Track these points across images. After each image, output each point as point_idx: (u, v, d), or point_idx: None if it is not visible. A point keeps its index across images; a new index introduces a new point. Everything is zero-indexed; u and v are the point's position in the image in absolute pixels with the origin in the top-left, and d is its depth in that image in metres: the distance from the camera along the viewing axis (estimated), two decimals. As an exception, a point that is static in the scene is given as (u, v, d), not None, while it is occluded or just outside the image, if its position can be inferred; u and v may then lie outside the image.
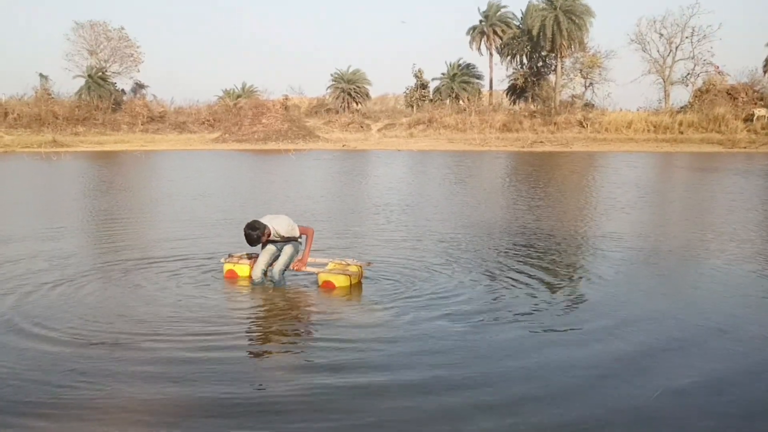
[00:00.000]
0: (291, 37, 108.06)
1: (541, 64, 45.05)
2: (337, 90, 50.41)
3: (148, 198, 14.31)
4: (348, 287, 5.87)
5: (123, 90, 48.38)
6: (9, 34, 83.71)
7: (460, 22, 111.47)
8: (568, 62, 43.71)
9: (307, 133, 41.40)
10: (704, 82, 40.93)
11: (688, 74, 42.10)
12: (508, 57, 45.76)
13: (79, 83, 46.09)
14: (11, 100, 43.75)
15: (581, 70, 44.15)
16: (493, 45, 48.95)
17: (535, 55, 44.27)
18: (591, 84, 44.65)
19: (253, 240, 5.89)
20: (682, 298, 5.79)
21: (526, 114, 42.24)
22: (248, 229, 5.87)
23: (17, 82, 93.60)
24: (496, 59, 48.52)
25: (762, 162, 24.58)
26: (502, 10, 49.08)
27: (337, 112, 48.82)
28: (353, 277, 5.94)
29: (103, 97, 44.45)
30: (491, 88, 51.39)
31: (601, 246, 8.03)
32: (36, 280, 6.20)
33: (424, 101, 49.02)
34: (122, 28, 46.93)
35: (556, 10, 40.58)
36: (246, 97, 49.55)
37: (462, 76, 50.44)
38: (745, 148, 32.13)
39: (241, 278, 6.23)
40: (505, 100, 48.68)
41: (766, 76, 40.80)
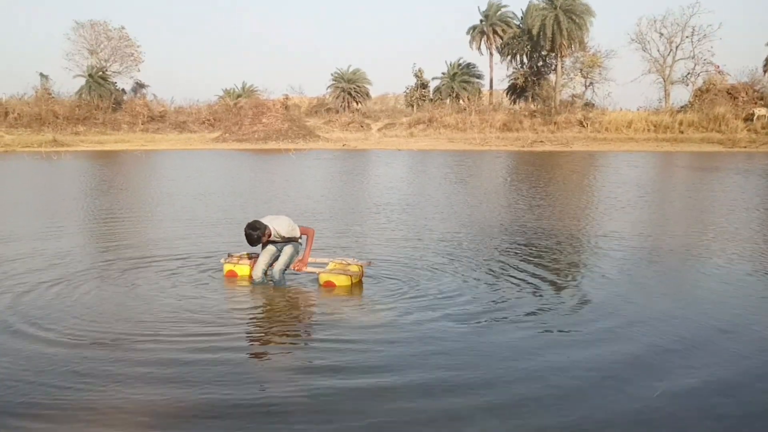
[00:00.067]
0: (291, 36, 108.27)
1: (541, 63, 45.05)
2: (338, 89, 50.42)
3: (148, 197, 14.29)
4: (349, 287, 5.87)
5: (123, 89, 48.45)
6: (9, 33, 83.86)
7: (460, 22, 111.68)
8: (568, 62, 43.72)
9: (308, 132, 41.39)
10: (704, 82, 40.95)
11: (688, 74, 42.19)
12: (509, 56, 45.79)
13: (80, 83, 46.20)
14: (12, 100, 43.78)
15: (581, 70, 44.16)
16: (494, 44, 48.96)
17: (536, 54, 44.28)
18: (591, 83, 44.73)
19: (254, 240, 5.89)
20: (684, 297, 5.78)
21: (527, 113, 42.23)
22: (249, 229, 5.88)
23: (18, 82, 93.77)
24: (497, 59, 48.68)
25: (762, 161, 24.56)
26: (503, 9, 49.15)
27: (338, 112, 48.81)
28: (354, 277, 5.94)
29: (103, 97, 44.44)
30: (491, 87, 51.42)
31: (602, 245, 8.03)
32: (34, 279, 6.17)
33: (425, 101, 49.03)
34: (122, 28, 47.06)
35: (556, 9, 40.57)
36: (246, 97, 49.53)
37: (462, 76, 50.44)
38: (745, 147, 32.13)
39: (241, 278, 6.21)
40: (506, 100, 48.69)
41: (766, 75, 40.80)
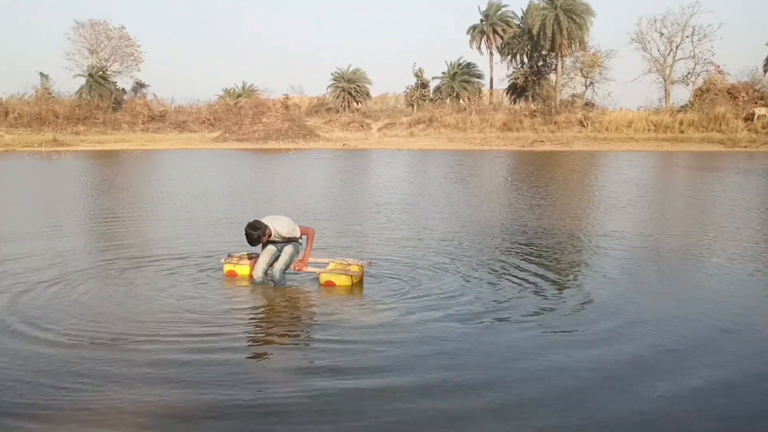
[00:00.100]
0: (291, 36, 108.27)
1: (541, 63, 45.03)
2: (338, 89, 50.39)
3: (148, 197, 14.28)
4: (349, 286, 5.86)
5: (123, 89, 48.36)
6: (10, 33, 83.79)
7: (460, 22, 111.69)
8: (568, 61, 43.69)
9: (308, 132, 41.37)
10: (705, 82, 40.92)
11: (688, 73, 42.18)
12: (509, 56, 45.76)
13: (80, 82, 46.14)
14: (12, 99, 43.72)
15: (582, 70, 44.13)
16: (494, 44, 48.94)
17: (536, 54, 44.26)
18: (591, 83, 44.71)
19: (254, 240, 5.89)
20: (686, 297, 5.77)
21: (527, 113, 42.21)
22: (249, 228, 5.87)
23: (18, 82, 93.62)
24: (497, 58, 48.65)
25: (762, 161, 24.55)
26: (503, 9, 49.11)
27: (338, 112, 48.79)
28: (354, 277, 5.93)
29: (103, 97, 44.39)
30: (491, 87, 51.38)
31: (603, 245, 8.02)
32: (33, 278, 6.14)
33: (425, 100, 49.00)
34: (123, 27, 46.98)
35: (556, 9, 40.54)
36: (246, 97, 49.49)
37: (462, 76, 50.41)
38: (745, 147, 32.12)
39: (241, 278, 6.19)
40: (506, 100, 48.67)
41: (767, 75, 40.78)
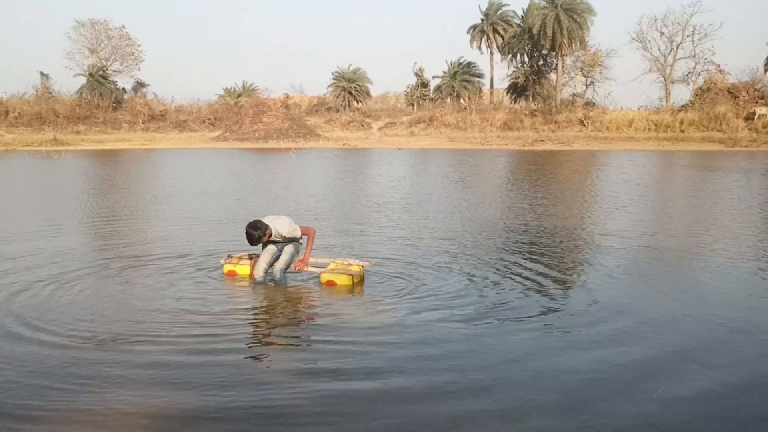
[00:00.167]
0: (291, 36, 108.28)
1: (541, 62, 44.98)
2: (338, 88, 50.39)
3: (148, 196, 14.27)
4: (350, 286, 5.85)
5: (124, 88, 48.27)
6: (10, 32, 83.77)
7: (460, 22, 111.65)
8: (569, 61, 43.62)
9: (308, 131, 41.36)
10: (705, 81, 40.84)
11: (689, 73, 42.09)
12: (509, 55, 45.73)
13: (80, 82, 46.07)
14: (12, 99, 43.65)
15: (582, 69, 44.07)
16: (494, 43, 48.92)
17: (536, 53, 44.20)
18: (592, 82, 44.63)
19: (254, 239, 5.87)
20: (690, 298, 5.72)
21: (527, 113, 42.17)
22: (250, 228, 5.87)
23: (18, 81, 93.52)
24: (497, 58, 48.63)
25: (763, 160, 24.53)
26: (503, 8, 49.07)
27: (338, 111, 48.76)
28: (355, 277, 5.92)
29: (103, 96, 44.34)
30: (492, 86, 51.34)
31: (606, 244, 7.98)
32: (31, 277, 6.11)
33: (425, 100, 48.96)
34: (123, 27, 46.94)
35: (557, 8, 40.48)
36: (247, 96, 49.46)
37: (463, 75, 50.38)
38: (746, 146, 32.08)
39: (241, 278, 6.17)
40: (506, 99, 48.62)
41: (767, 74, 40.74)
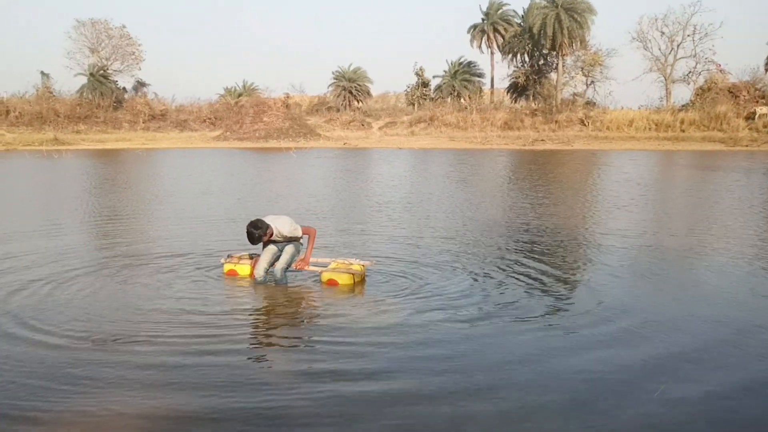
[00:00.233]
0: (291, 36, 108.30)
1: (542, 62, 44.93)
2: (339, 88, 50.39)
3: (149, 196, 14.29)
4: (351, 285, 5.84)
5: (124, 88, 48.24)
6: (10, 32, 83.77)
7: (460, 22, 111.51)
8: (569, 60, 43.57)
9: (308, 131, 41.36)
10: (706, 81, 40.78)
11: (689, 72, 42.01)
12: (510, 55, 45.70)
13: (81, 81, 46.04)
14: (13, 98, 43.64)
15: (582, 68, 44.02)
16: (495, 43, 48.90)
17: (537, 53, 44.17)
18: (592, 82, 44.55)
19: (255, 238, 5.87)
20: (694, 298, 5.68)
21: (528, 112, 42.16)
22: (251, 227, 5.86)
23: (19, 81, 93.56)
24: (498, 57, 48.60)
25: (764, 160, 24.50)
26: (504, 8, 49.05)
27: (338, 111, 48.75)
28: (356, 276, 5.92)
29: (104, 95, 44.33)
30: (492, 86, 51.33)
31: (608, 243, 7.93)
32: (29, 277, 6.08)
33: (426, 99, 48.93)
34: (123, 27, 46.95)
35: (557, 8, 40.44)
36: (247, 96, 49.44)
37: (463, 74, 50.35)
38: (746, 146, 32.05)
39: (241, 277, 6.16)
40: (507, 99, 48.59)
41: (768, 74, 40.72)
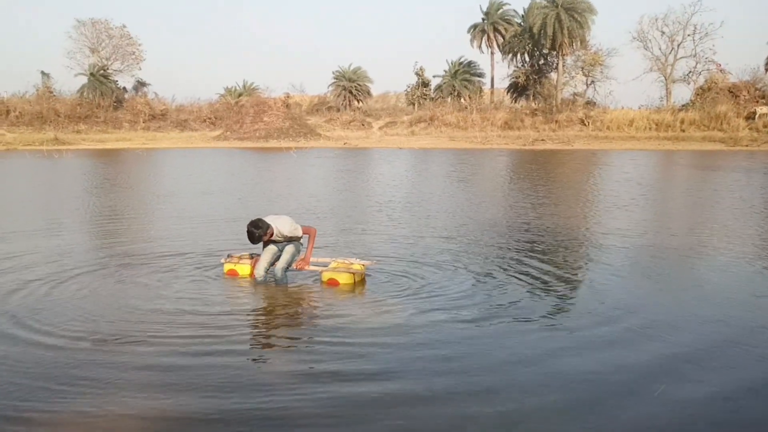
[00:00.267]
0: (291, 36, 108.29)
1: (542, 61, 44.92)
2: (339, 88, 50.39)
3: (149, 195, 14.30)
4: (352, 285, 5.85)
5: (124, 88, 48.26)
6: (11, 32, 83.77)
7: (460, 21, 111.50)
8: (569, 60, 43.56)
9: (309, 131, 41.37)
10: (706, 80, 40.76)
11: (689, 72, 41.99)
12: (510, 55, 45.70)
13: (81, 81, 46.04)
14: (13, 98, 43.65)
15: (583, 68, 44.01)
16: (495, 43, 48.90)
17: (537, 52, 44.17)
18: (593, 82, 44.53)
19: (255, 238, 5.86)
20: (695, 298, 5.63)
21: (528, 112, 42.17)
22: (251, 226, 5.86)
23: (19, 80, 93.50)
24: (498, 57, 48.59)
25: (764, 160, 24.51)
26: (504, 7, 49.03)
27: (339, 110, 48.76)
28: (357, 275, 5.93)
29: (104, 95, 44.34)
30: (493, 86, 51.33)
31: (610, 243, 7.90)
32: (27, 276, 6.07)
33: (426, 99, 48.94)
34: (124, 26, 46.96)
35: (557, 7, 40.42)
36: (247, 95, 49.44)
37: (463, 74, 50.33)
38: (747, 146, 32.05)
39: (241, 277, 6.16)
40: (507, 98, 48.60)
41: (768, 74, 40.69)
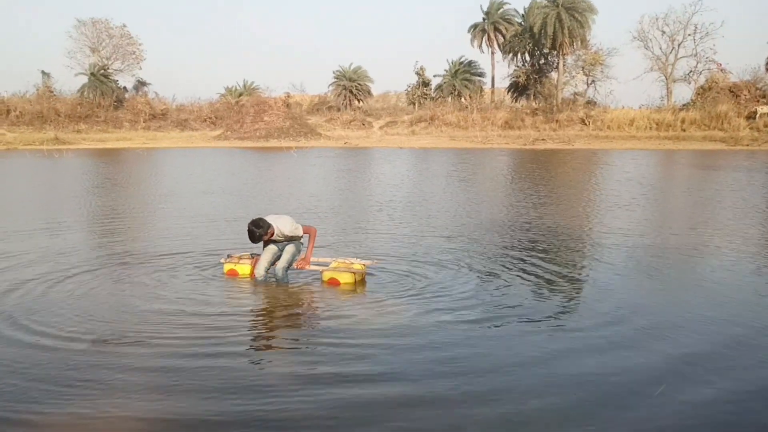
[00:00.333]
0: (291, 36, 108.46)
1: (543, 61, 44.96)
2: (339, 87, 50.41)
3: (149, 195, 14.30)
4: (353, 284, 5.85)
5: (125, 87, 48.35)
6: (11, 31, 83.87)
7: (461, 21, 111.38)
8: (570, 59, 43.58)
9: (309, 130, 41.38)
10: (707, 80, 40.75)
11: (690, 72, 42.01)
12: (510, 54, 45.73)
13: (82, 81, 46.15)
14: (13, 98, 43.72)
15: (583, 68, 44.06)
16: (495, 42, 48.91)
17: (537, 52, 44.20)
18: (593, 81, 44.60)
19: (256, 237, 5.85)
20: (699, 299, 5.56)
21: (528, 111, 42.18)
22: (252, 225, 5.85)
23: (19, 80, 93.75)
24: (498, 57, 48.64)
25: (765, 159, 24.49)
26: (504, 7, 49.04)
27: (339, 110, 48.78)
28: (357, 275, 5.93)
29: (105, 95, 44.41)
30: (493, 85, 51.35)
31: (613, 243, 7.86)
32: (26, 275, 6.05)
33: (426, 99, 48.95)
34: (124, 26, 47.04)
35: (558, 7, 40.41)
36: (248, 95, 49.49)
37: (464, 74, 50.35)
38: (747, 145, 32.03)
39: (242, 277, 6.14)
40: (507, 98, 48.63)
41: (769, 73, 40.64)
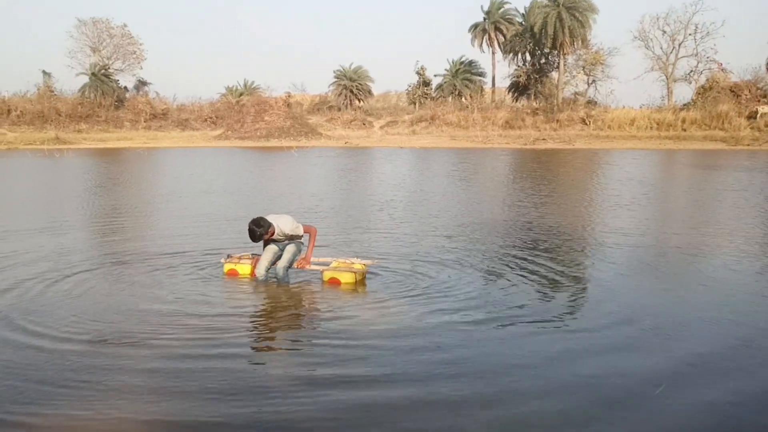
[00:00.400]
0: (292, 36, 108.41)
1: (543, 61, 44.95)
2: (340, 87, 50.41)
3: (150, 195, 14.31)
4: (354, 284, 5.84)
5: (126, 87, 48.41)
6: (12, 31, 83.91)
7: (461, 21, 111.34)
8: (570, 59, 43.56)
9: (310, 130, 41.39)
10: (707, 80, 40.73)
11: (691, 71, 41.98)
12: (511, 54, 45.73)
13: (82, 80, 46.18)
14: (14, 98, 43.78)
15: (584, 68, 44.03)
16: (496, 42, 48.90)
17: (538, 52, 44.19)
18: (594, 81, 44.57)
19: (256, 236, 5.84)
20: (703, 300, 5.53)
21: (529, 111, 42.18)
22: (253, 224, 5.83)
23: (20, 80, 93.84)
24: (499, 56, 48.65)
25: (765, 159, 24.48)
26: (505, 7, 49.02)
27: (340, 110, 48.79)
28: (358, 274, 5.93)
29: (105, 95, 44.45)
30: (494, 85, 51.34)
31: (614, 243, 7.84)
32: (24, 275, 6.05)
33: (427, 98, 48.95)
34: (125, 26, 47.08)
35: (558, 6, 40.40)
36: (248, 95, 49.51)
37: (464, 74, 50.34)
38: (748, 145, 32.02)
39: (242, 276, 6.13)
40: (508, 98, 48.62)
41: (770, 73, 40.60)
